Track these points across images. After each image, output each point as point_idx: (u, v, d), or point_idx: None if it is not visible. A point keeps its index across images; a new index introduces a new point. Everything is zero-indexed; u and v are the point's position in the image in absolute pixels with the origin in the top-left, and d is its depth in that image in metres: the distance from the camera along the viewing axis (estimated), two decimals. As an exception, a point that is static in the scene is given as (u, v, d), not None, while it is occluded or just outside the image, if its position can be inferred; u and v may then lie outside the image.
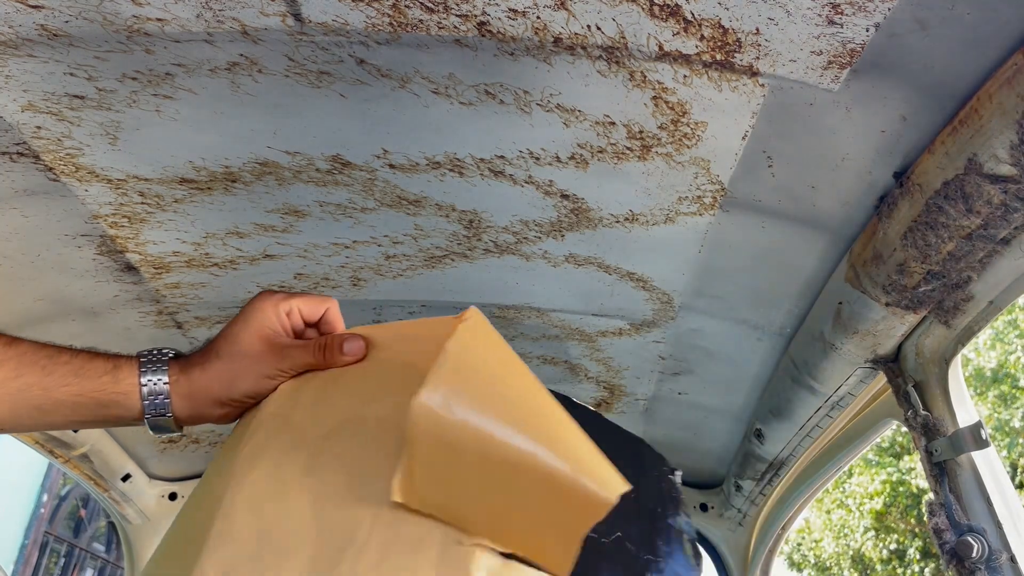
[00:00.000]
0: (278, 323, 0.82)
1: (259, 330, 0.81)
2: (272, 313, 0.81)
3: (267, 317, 0.81)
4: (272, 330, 0.81)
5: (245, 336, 0.81)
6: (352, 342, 0.80)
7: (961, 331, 1.17)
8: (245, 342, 0.80)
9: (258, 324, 0.81)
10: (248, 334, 0.81)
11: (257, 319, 0.81)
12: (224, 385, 0.80)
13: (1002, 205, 0.91)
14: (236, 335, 0.81)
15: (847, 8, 0.80)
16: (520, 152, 1.12)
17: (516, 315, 1.64)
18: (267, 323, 0.81)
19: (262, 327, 0.81)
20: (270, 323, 0.81)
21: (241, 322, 0.81)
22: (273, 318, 0.81)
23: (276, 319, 0.81)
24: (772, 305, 1.47)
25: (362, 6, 0.86)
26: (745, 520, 2.34)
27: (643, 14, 0.84)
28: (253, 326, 0.81)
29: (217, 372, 0.80)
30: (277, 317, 0.81)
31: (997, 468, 1.18)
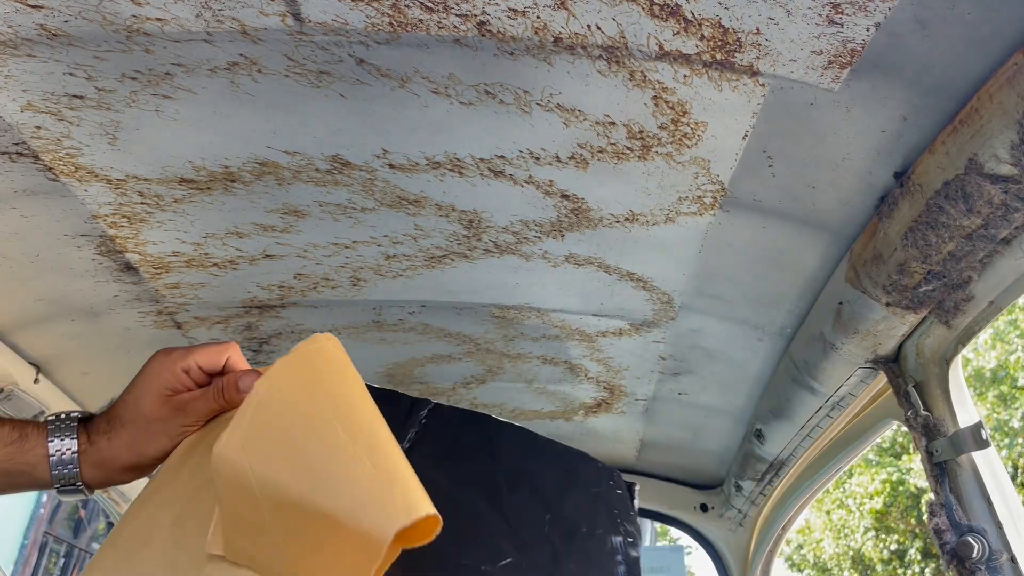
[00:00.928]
0: (177, 382, 0.81)
1: (158, 392, 0.80)
2: (169, 374, 0.80)
3: (164, 379, 0.80)
4: (172, 390, 0.81)
5: (146, 401, 0.80)
6: (246, 379, 0.80)
7: (961, 331, 1.17)
8: (147, 407, 0.80)
9: (157, 386, 0.80)
10: (149, 398, 0.80)
11: (155, 383, 0.80)
12: (132, 453, 0.80)
13: (1002, 205, 0.91)
14: (137, 401, 0.80)
15: (847, 8, 0.79)
16: (520, 152, 1.12)
17: (516, 315, 1.63)
18: (165, 384, 0.80)
19: (160, 389, 0.80)
20: (168, 383, 0.80)
21: (141, 386, 0.81)
22: (171, 378, 0.80)
23: (175, 379, 0.80)
24: (772, 305, 1.47)
25: (362, 6, 0.86)
26: (745, 520, 2.34)
27: (643, 14, 0.84)
28: (152, 390, 0.80)
29: (123, 441, 0.79)
30: (175, 377, 0.81)
31: (997, 468, 1.18)
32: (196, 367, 0.81)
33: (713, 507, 2.45)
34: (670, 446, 2.31)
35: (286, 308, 1.58)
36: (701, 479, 2.46)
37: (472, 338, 1.75)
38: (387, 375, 1.92)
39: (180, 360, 0.81)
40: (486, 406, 2.11)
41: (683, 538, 2.64)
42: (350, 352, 1.55)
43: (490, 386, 1.98)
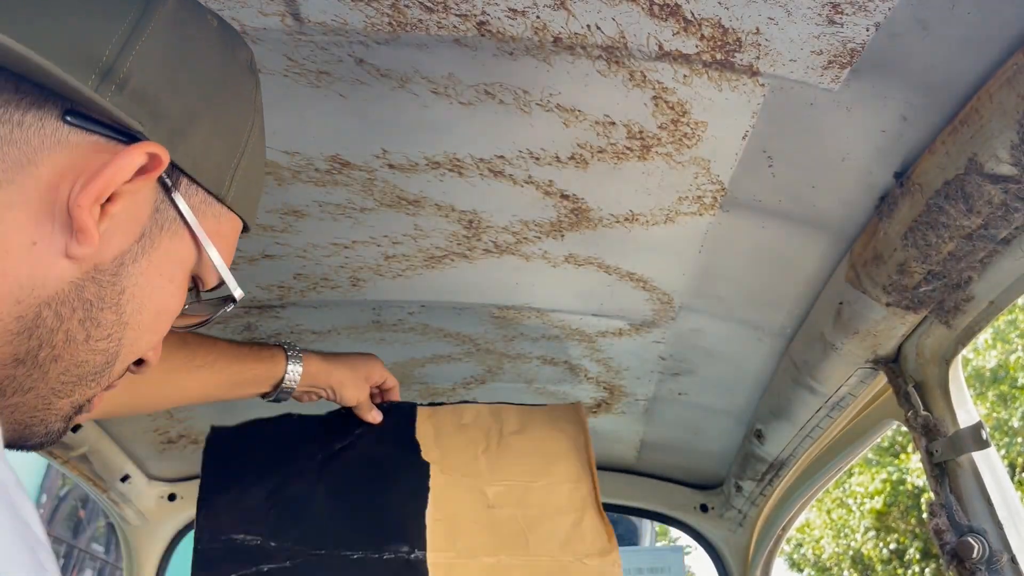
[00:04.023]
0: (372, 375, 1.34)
1: (367, 374, 1.33)
2: (376, 376, 1.35)
3: (372, 378, 1.34)
4: (371, 380, 1.34)
5: (353, 378, 1.30)
6: (376, 415, 1.36)
7: (962, 331, 1.17)
8: (360, 372, 1.31)
9: (369, 370, 1.33)
10: (361, 371, 1.32)
11: (368, 368, 1.33)
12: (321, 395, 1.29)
13: (1003, 205, 0.91)
14: (349, 371, 1.29)
15: (847, 8, 0.79)
16: (520, 152, 1.11)
17: (516, 315, 1.63)
18: (371, 374, 1.34)
19: (369, 374, 1.33)
20: (371, 375, 1.34)
21: (360, 361, 1.32)
22: (373, 373, 1.34)
23: (371, 370, 1.33)
24: (772, 305, 1.47)
25: (361, 5, 0.86)
26: (745, 521, 2.33)
27: (643, 14, 0.84)
28: (362, 376, 1.32)
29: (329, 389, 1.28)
30: (372, 371, 1.34)
31: (998, 468, 1.18)
32: (383, 384, 1.37)
33: (713, 507, 2.44)
34: (670, 446, 2.31)
35: (285, 308, 1.58)
36: (701, 479, 2.46)
37: (472, 338, 1.75)
38: (387, 375, 1.92)
39: (385, 373, 1.36)
40: (486, 406, 2.11)
41: (683, 538, 2.63)
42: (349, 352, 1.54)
43: (490, 386, 1.98)
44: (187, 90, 0.63)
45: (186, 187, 0.64)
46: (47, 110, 0.56)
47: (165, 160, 0.60)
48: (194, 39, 0.65)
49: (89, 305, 0.59)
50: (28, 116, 0.55)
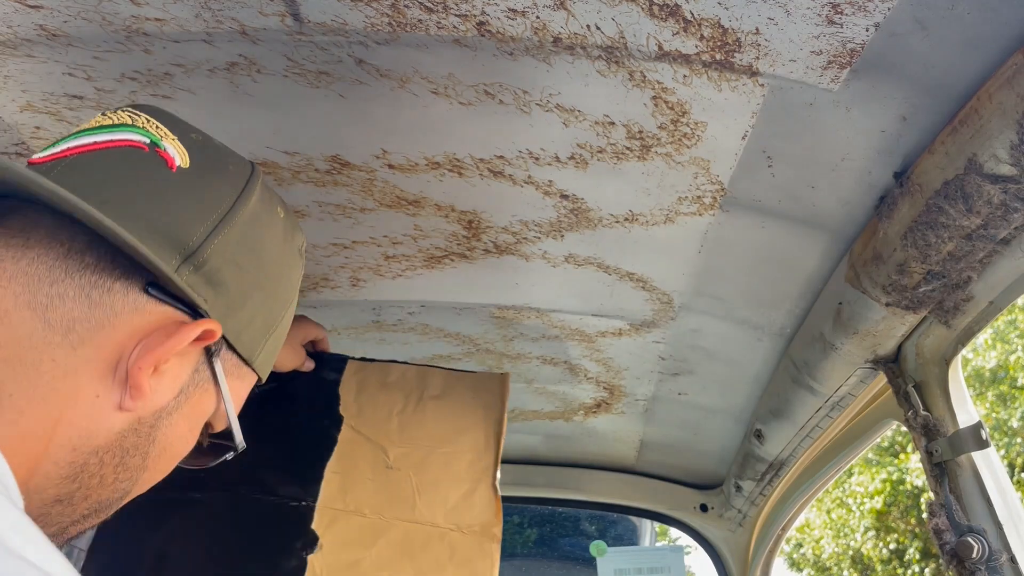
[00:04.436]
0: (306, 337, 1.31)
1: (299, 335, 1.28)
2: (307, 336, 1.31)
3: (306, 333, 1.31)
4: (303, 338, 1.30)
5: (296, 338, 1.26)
6: (310, 365, 1.33)
7: (961, 331, 1.17)
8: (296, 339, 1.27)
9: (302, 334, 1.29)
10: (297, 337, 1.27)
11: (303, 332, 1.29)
12: None
13: (1002, 205, 0.91)
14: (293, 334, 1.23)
15: (847, 8, 0.79)
16: (519, 152, 1.11)
17: (516, 315, 1.63)
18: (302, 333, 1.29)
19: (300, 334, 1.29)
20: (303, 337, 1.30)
21: (295, 328, 1.23)
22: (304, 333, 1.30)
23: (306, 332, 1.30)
24: (772, 305, 1.47)
25: (361, 6, 0.86)
26: (745, 521, 2.34)
27: (643, 14, 0.84)
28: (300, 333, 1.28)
29: None
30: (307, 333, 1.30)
31: (997, 468, 1.18)
32: (311, 341, 1.33)
33: (713, 507, 2.45)
34: (670, 446, 2.31)
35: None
36: (701, 479, 2.46)
37: (472, 338, 1.75)
38: (387, 375, 1.92)
39: (319, 332, 1.33)
40: (486, 406, 2.11)
41: (682, 538, 2.63)
42: (349, 352, 1.55)
43: (490, 386, 1.98)
44: (248, 274, 0.73)
45: (224, 352, 0.73)
46: (133, 281, 0.65)
47: (218, 335, 0.69)
48: (263, 227, 0.76)
49: (125, 453, 0.67)
50: (117, 284, 0.65)
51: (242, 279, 0.72)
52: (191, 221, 0.69)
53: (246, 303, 0.73)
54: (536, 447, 2.41)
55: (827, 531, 12.59)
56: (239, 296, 0.72)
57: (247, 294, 0.73)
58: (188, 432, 0.73)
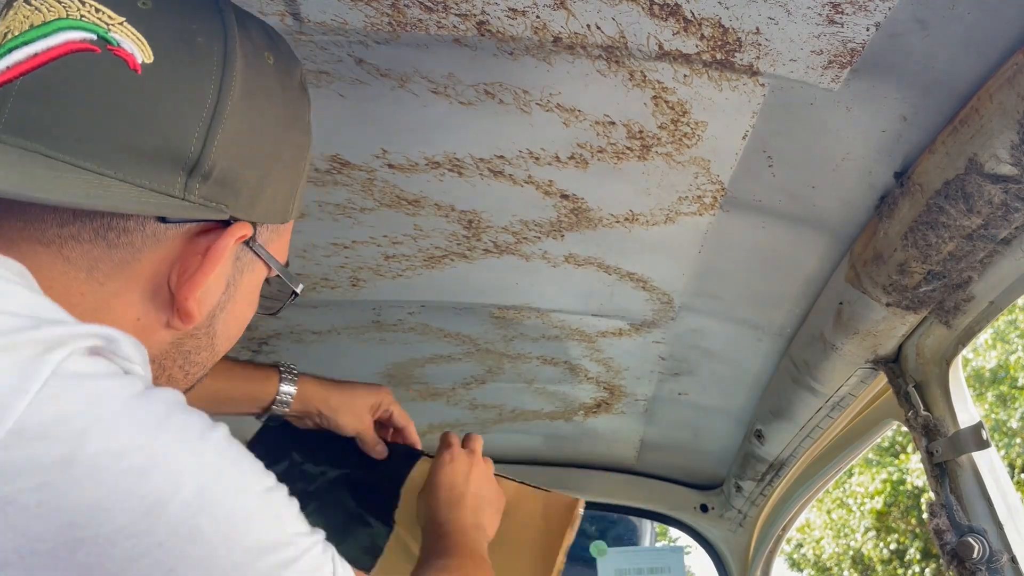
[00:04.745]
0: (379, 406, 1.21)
1: (369, 413, 1.19)
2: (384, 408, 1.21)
3: (378, 398, 1.20)
4: (374, 408, 1.20)
5: (360, 411, 1.18)
6: (381, 451, 1.22)
7: (962, 331, 1.17)
8: (358, 413, 1.18)
9: (371, 408, 1.20)
10: (365, 412, 1.19)
11: (373, 396, 1.20)
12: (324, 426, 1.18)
13: (1003, 205, 0.91)
14: (355, 405, 1.18)
15: (847, 7, 0.79)
16: (520, 152, 1.11)
17: (516, 315, 1.63)
18: (374, 403, 1.20)
19: (371, 413, 1.20)
20: (375, 403, 1.20)
21: (364, 398, 1.19)
22: (378, 402, 1.20)
23: (379, 402, 1.20)
24: (772, 305, 1.47)
25: (361, 5, 0.86)
26: (745, 521, 2.34)
27: (643, 13, 0.84)
28: (369, 407, 1.19)
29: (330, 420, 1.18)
30: (380, 403, 1.20)
31: (998, 468, 1.18)
32: (390, 417, 1.22)
33: (713, 507, 2.45)
34: (670, 446, 2.31)
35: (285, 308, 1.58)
36: (701, 479, 2.46)
37: (472, 338, 1.75)
38: (386, 376, 1.92)
39: (394, 406, 1.22)
40: (485, 406, 2.11)
41: (682, 538, 2.63)
42: (349, 353, 1.54)
43: (490, 386, 1.98)
44: (260, 158, 0.67)
45: (258, 232, 0.70)
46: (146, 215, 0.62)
47: (250, 232, 0.67)
48: (260, 97, 0.67)
49: (187, 354, 0.69)
50: (131, 222, 0.61)
51: (256, 165, 0.67)
52: (180, 128, 0.61)
53: (267, 184, 0.68)
54: (536, 447, 2.41)
55: (827, 531, 12.59)
56: (258, 183, 0.67)
57: (265, 175, 0.68)
58: (247, 307, 0.73)
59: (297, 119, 0.74)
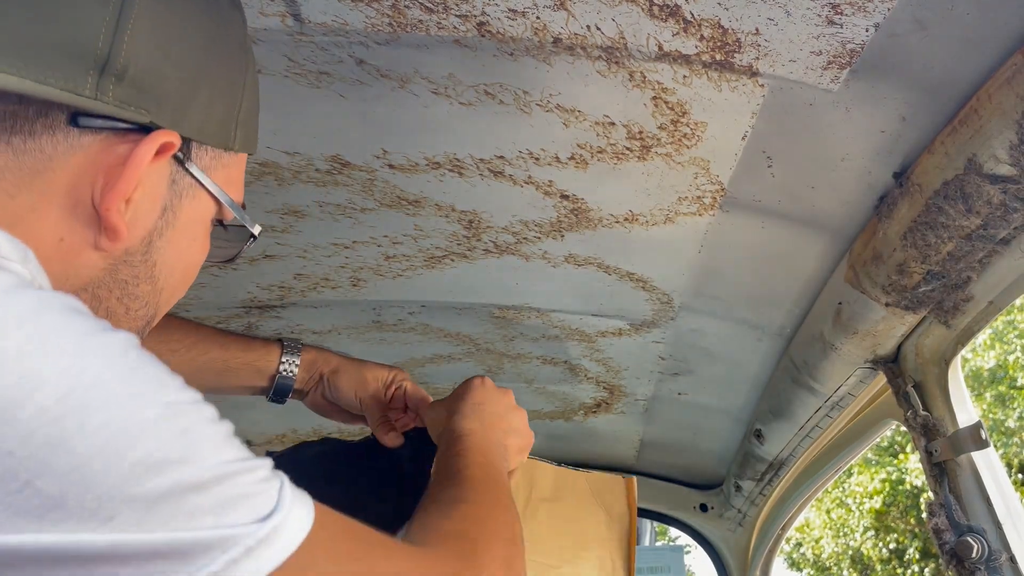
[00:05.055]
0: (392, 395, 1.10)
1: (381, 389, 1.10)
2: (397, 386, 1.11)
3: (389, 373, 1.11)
4: (387, 395, 1.10)
5: (371, 386, 1.09)
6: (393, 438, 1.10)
7: (961, 331, 1.17)
8: (369, 389, 1.09)
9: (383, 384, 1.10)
10: (374, 385, 1.09)
11: (383, 370, 1.11)
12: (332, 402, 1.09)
13: (1002, 205, 0.91)
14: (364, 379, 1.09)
15: (847, 8, 0.79)
16: (520, 152, 1.12)
17: (516, 315, 1.64)
18: (382, 375, 1.10)
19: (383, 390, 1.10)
20: (384, 376, 1.10)
21: (375, 374, 1.10)
22: (389, 376, 1.11)
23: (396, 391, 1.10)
24: (772, 305, 1.47)
25: (361, 6, 0.86)
26: (745, 520, 2.34)
27: (643, 14, 0.84)
28: (380, 382, 1.10)
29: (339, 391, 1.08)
30: (392, 378, 1.11)
31: (997, 468, 1.18)
32: (404, 394, 1.11)
33: (713, 507, 2.45)
34: (670, 446, 2.31)
35: (286, 308, 1.58)
36: (701, 479, 2.46)
37: (472, 338, 1.75)
38: (387, 375, 1.92)
39: (407, 382, 1.11)
40: (486, 406, 2.11)
41: (682, 537, 2.64)
42: (350, 353, 1.55)
43: (490, 386, 1.98)
44: (183, 62, 0.62)
45: (196, 152, 0.65)
46: (54, 116, 0.57)
47: (177, 142, 0.61)
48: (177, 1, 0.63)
49: (125, 284, 0.63)
50: (38, 125, 0.56)
51: (179, 73, 0.62)
52: (84, 20, 0.56)
53: (195, 96, 0.63)
54: (536, 447, 2.40)
55: (827, 531, 12.59)
56: (184, 92, 0.62)
57: (193, 86, 0.63)
58: (192, 242, 0.68)
59: (227, 34, 0.69)
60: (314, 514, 0.54)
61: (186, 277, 0.70)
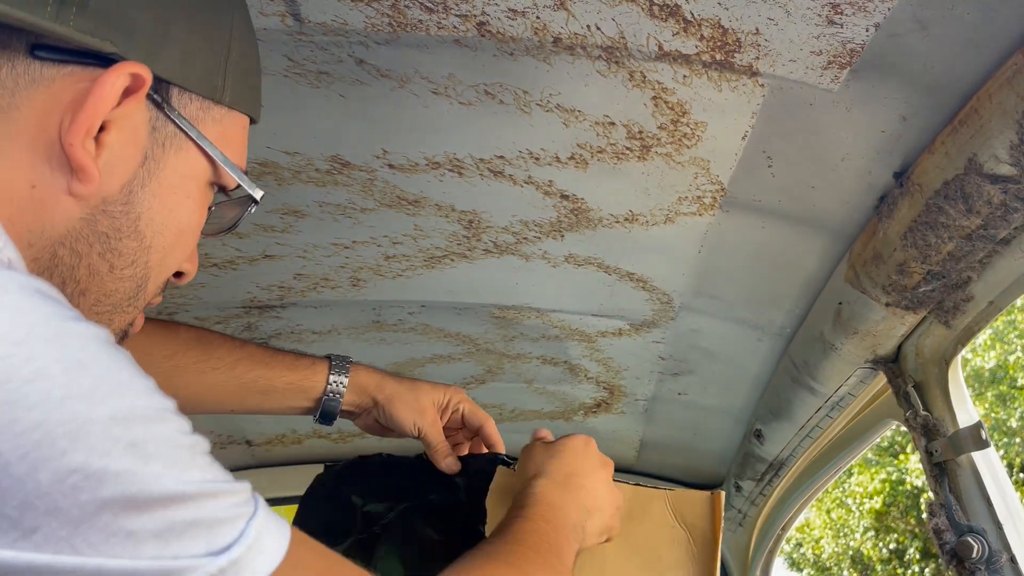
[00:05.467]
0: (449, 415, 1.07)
1: (437, 410, 1.06)
2: (453, 407, 1.08)
3: (445, 394, 1.07)
4: (442, 416, 1.07)
5: (427, 407, 1.04)
6: (451, 463, 1.05)
7: (961, 331, 1.17)
8: (425, 410, 1.04)
9: (438, 405, 1.06)
10: (431, 407, 1.05)
11: (439, 392, 1.07)
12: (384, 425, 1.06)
13: (1002, 205, 0.91)
14: (421, 401, 1.05)
15: (847, 8, 0.79)
16: (520, 152, 1.12)
17: (516, 315, 1.63)
18: (439, 398, 1.06)
19: (438, 410, 1.06)
20: (440, 399, 1.06)
21: (431, 395, 1.06)
22: (450, 410, 1.07)
23: (452, 412, 1.07)
24: (772, 305, 1.47)
25: (361, 6, 0.86)
26: (745, 520, 2.33)
27: (643, 14, 0.84)
28: (436, 404, 1.06)
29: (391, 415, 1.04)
30: (454, 412, 1.08)
31: (997, 468, 1.18)
32: (460, 410, 1.08)
33: (713, 507, 2.44)
34: (670, 446, 2.31)
35: (286, 308, 1.58)
36: (701, 479, 2.46)
37: (472, 338, 1.75)
38: (387, 375, 1.92)
39: (465, 403, 1.08)
40: (486, 406, 2.09)
41: (683, 538, 2.62)
42: (350, 353, 1.55)
43: (490, 386, 1.98)
44: None
45: (178, 98, 0.62)
46: (13, 48, 0.54)
47: (148, 77, 0.57)
48: None
49: (106, 238, 0.59)
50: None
51: (150, 6, 0.58)
52: None
53: (171, 32, 0.60)
54: (536, 447, 2.40)
55: (827, 531, 12.59)
56: (157, 26, 0.59)
57: (167, 21, 0.59)
58: (183, 199, 0.64)
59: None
60: (287, 547, 0.48)
61: (181, 239, 0.65)
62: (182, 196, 0.63)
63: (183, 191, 0.64)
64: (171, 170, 0.62)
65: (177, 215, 0.64)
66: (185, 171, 0.63)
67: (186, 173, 0.63)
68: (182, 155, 0.63)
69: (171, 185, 0.62)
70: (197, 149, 0.63)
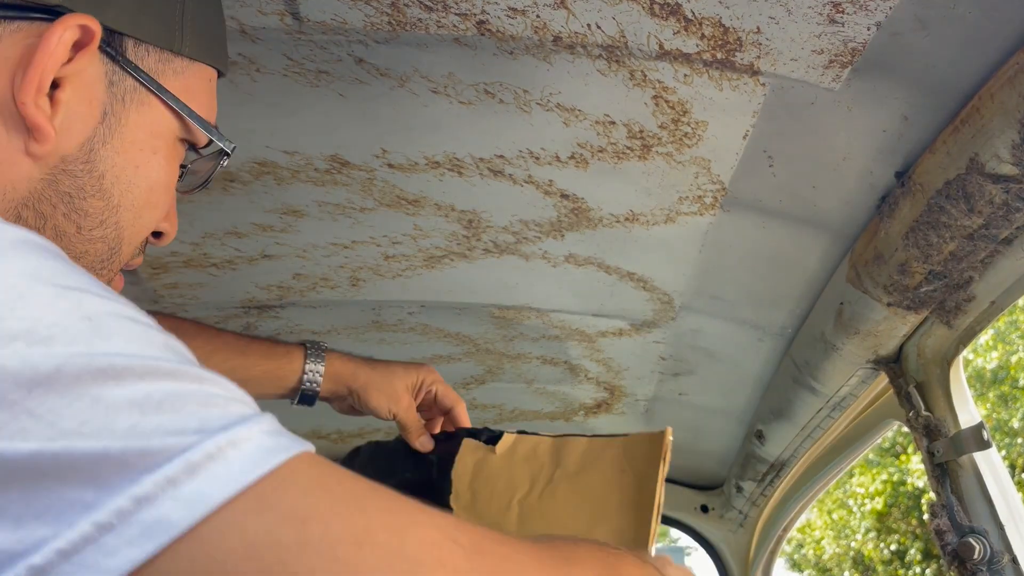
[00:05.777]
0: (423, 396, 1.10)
1: (410, 392, 1.08)
2: (426, 387, 1.10)
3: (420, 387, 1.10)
4: (416, 397, 1.09)
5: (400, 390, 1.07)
6: (425, 442, 1.09)
7: (963, 331, 1.17)
8: (399, 393, 1.07)
9: (411, 386, 1.09)
10: (404, 391, 1.07)
11: (412, 375, 1.09)
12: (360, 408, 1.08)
13: (1004, 205, 0.91)
14: (394, 384, 1.07)
15: (848, 7, 0.79)
16: (520, 152, 1.11)
17: (516, 315, 1.63)
18: (412, 381, 1.09)
19: (412, 392, 1.09)
20: (414, 382, 1.09)
21: (403, 377, 1.08)
22: (424, 391, 1.10)
23: (426, 392, 1.10)
24: (773, 305, 1.47)
25: (361, 5, 0.85)
26: (746, 521, 2.33)
27: (643, 13, 0.84)
28: (409, 386, 1.08)
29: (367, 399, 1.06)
30: (427, 392, 1.10)
31: (999, 469, 1.18)
32: (435, 398, 1.10)
33: (713, 508, 2.44)
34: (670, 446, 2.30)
35: (285, 308, 1.58)
36: (701, 480, 2.45)
37: (472, 338, 1.75)
38: (387, 375, 1.91)
39: (438, 384, 1.10)
40: (485, 406, 2.11)
41: (683, 539, 2.63)
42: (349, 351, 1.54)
43: (490, 386, 1.98)
44: None
45: (134, 50, 0.60)
46: None
47: (97, 29, 0.55)
48: None
49: (69, 198, 0.57)
50: None
51: None
52: None
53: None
54: (536, 447, 2.40)
55: (828, 532, 12.58)
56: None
57: None
58: (149, 155, 0.62)
59: None
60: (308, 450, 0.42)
61: (152, 196, 0.63)
62: (148, 152, 0.62)
63: (149, 147, 0.62)
64: (134, 125, 0.60)
65: (145, 172, 0.62)
66: (149, 126, 0.62)
67: (151, 128, 0.62)
68: (144, 109, 0.61)
69: (135, 141, 0.61)
70: (160, 103, 0.62)
